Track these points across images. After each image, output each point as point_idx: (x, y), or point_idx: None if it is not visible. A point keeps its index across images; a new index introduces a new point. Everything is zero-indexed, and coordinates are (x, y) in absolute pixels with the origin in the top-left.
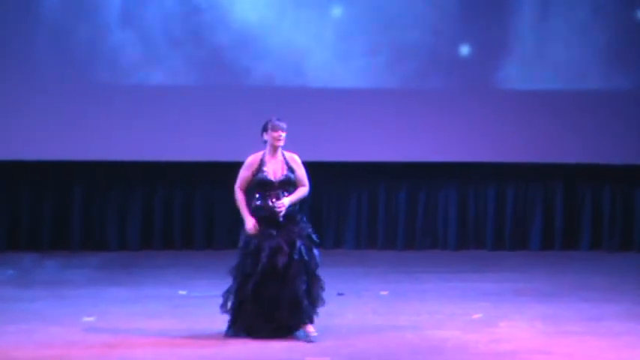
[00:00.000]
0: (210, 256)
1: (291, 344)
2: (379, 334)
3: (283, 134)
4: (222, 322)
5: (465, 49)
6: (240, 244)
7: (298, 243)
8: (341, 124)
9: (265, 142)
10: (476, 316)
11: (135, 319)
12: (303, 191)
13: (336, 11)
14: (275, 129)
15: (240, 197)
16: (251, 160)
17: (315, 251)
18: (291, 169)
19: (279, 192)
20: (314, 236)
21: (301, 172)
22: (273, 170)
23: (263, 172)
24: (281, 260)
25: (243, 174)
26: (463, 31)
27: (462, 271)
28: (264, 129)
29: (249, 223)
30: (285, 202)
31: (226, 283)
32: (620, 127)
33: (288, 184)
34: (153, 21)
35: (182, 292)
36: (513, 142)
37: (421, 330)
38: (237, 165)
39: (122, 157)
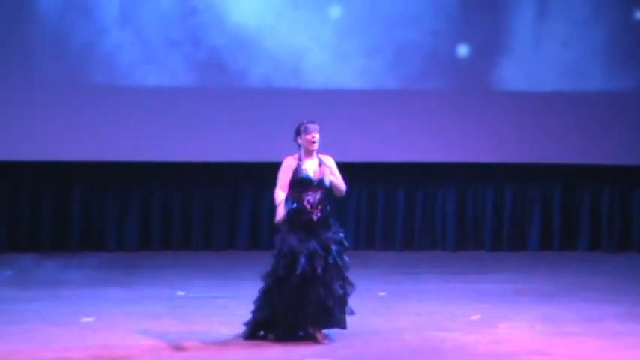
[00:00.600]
0: (208, 256)
1: (290, 345)
2: (378, 335)
3: (317, 136)
4: (220, 322)
5: (464, 50)
6: (275, 251)
7: (333, 247)
8: (339, 125)
9: (300, 145)
10: (474, 317)
11: (134, 320)
12: (342, 183)
13: (335, 12)
14: (308, 132)
15: (282, 196)
16: (288, 162)
17: (345, 256)
18: None
19: (318, 191)
20: (345, 241)
21: (337, 174)
22: (313, 170)
23: (302, 171)
24: (319, 264)
25: (284, 176)
26: (462, 31)
27: (462, 272)
28: (297, 133)
29: (279, 215)
30: (326, 172)
31: (225, 283)
32: (619, 127)
33: (326, 184)
34: (150, 22)
35: (180, 293)
36: (512, 143)
37: (420, 331)
38: (236, 165)
39: (121, 157)
